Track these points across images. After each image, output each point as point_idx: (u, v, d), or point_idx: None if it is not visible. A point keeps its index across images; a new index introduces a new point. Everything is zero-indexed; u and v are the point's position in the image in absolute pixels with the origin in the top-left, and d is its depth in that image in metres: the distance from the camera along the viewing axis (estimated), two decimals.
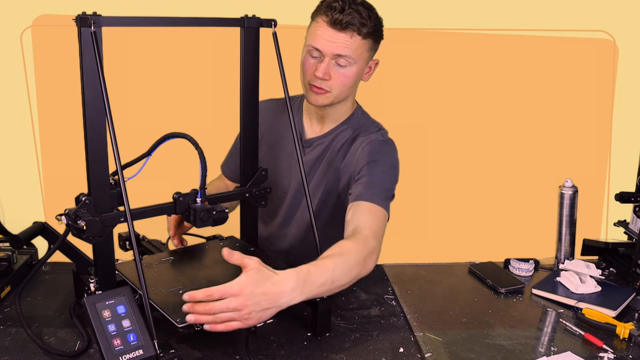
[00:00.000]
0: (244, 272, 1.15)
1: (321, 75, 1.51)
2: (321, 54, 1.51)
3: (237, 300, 1.11)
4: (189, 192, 1.29)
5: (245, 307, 1.12)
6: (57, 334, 1.30)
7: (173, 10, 2.24)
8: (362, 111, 1.69)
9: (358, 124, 1.66)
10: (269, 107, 1.71)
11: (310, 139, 1.68)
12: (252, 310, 1.13)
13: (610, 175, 2.62)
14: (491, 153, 2.59)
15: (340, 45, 1.49)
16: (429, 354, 1.28)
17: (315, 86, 1.54)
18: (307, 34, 1.56)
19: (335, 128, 1.66)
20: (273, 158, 1.69)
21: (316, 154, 1.67)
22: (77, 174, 1.29)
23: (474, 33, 2.47)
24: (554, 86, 2.55)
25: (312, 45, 1.51)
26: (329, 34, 1.49)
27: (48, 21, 2.29)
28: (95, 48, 1.11)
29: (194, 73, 2.40)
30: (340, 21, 1.47)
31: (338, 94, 1.56)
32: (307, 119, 1.70)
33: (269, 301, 1.15)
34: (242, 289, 1.12)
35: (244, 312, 1.12)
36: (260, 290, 1.14)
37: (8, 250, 1.54)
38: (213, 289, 1.11)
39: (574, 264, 1.69)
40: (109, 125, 1.13)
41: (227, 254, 1.16)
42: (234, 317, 1.12)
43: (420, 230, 2.41)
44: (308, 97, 1.59)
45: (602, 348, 1.31)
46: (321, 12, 1.51)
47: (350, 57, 1.51)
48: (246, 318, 1.13)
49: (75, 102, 1.17)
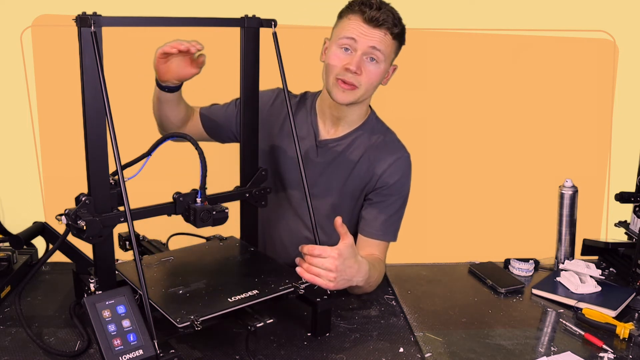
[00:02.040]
0: (342, 242, 1.31)
1: (354, 68, 1.50)
2: (354, 46, 1.50)
3: (332, 262, 1.28)
4: (189, 192, 1.29)
5: (336, 269, 1.28)
6: (57, 334, 1.30)
7: (173, 10, 2.24)
8: (376, 117, 1.69)
9: (374, 130, 1.66)
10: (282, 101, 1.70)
11: (325, 140, 1.65)
12: (338, 276, 1.29)
13: (610, 175, 2.62)
14: (491, 153, 2.59)
15: (375, 38, 1.50)
16: (429, 354, 1.28)
17: (344, 81, 1.52)
18: (336, 31, 1.55)
19: (351, 132, 1.64)
20: (285, 154, 1.67)
21: (331, 156, 1.64)
22: (77, 174, 1.29)
23: (474, 33, 2.47)
24: (554, 86, 2.55)
25: (347, 36, 1.51)
26: (364, 29, 1.49)
27: (48, 21, 2.29)
28: (95, 48, 1.11)
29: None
30: (376, 18, 1.49)
31: (364, 92, 1.55)
32: (321, 119, 1.67)
33: (351, 274, 1.33)
34: (340, 254, 1.29)
35: (332, 274, 1.28)
36: (350, 262, 1.32)
37: (8, 250, 1.54)
38: (316, 246, 1.29)
39: (574, 264, 1.69)
40: (109, 125, 1.13)
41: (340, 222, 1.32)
42: (322, 274, 1.28)
43: (420, 230, 2.40)
44: (334, 94, 1.55)
45: (602, 348, 1.31)
46: (354, 10, 1.51)
47: (382, 54, 1.52)
48: (330, 280, 1.28)
49: (75, 102, 1.17)
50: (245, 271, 1.39)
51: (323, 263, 1.28)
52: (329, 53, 1.55)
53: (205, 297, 1.22)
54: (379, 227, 1.61)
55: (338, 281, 1.30)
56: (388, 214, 1.61)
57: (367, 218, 1.62)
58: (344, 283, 1.32)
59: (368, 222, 1.62)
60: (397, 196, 1.63)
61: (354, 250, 1.34)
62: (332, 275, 1.28)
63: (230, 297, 1.22)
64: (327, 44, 1.58)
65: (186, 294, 1.23)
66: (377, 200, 1.62)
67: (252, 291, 1.24)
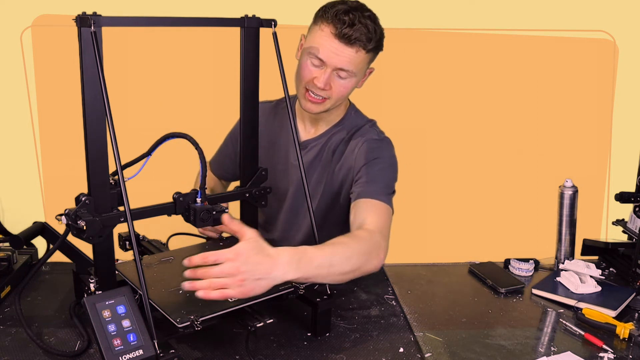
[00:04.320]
0: (241, 240, 1.17)
1: (322, 86, 1.49)
2: (323, 64, 1.49)
3: (231, 265, 1.13)
4: (189, 192, 1.29)
5: (239, 272, 1.13)
6: (57, 334, 1.30)
7: (173, 10, 2.24)
8: (354, 110, 1.68)
9: (352, 124, 1.65)
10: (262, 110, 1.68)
11: (305, 140, 1.67)
12: (246, 278, 1.13)
13: (610, 175, 2.62)
14: (491, 153, 2.59)
15: (345, 59, 1.46)
16: (429, 354, 1.28)
17: (311, 94, 1.52)
18: (309, 38, 1.53)
19: (329, 129, 1.66)
20: (269, 161, 1.65)
21: (312, 155, 1.66)
22: (77, 174, 1.29)
23: (474, 33, 2.47)
24: (554, 86, 2.55)
25: (315, 55, 1.48)
26: (334, 46, 1.45)
27: (48, 21, 2.29)
28: (95, 48, 1.11)
29: (194, 73, 2.39)
30: (348, 36, 1.44)
31: (334, 103, 1.56)
32: (300, 121, 1.69)
33: (263, 271, 1.15)
34: (237, 255, 1.14)
35: (237, 278, 1.13)
36: (255, 259, 1.15)
37: (8, 250, 1.54)
38: (208, 253, 1.14)
39: (574, 264, 1.68)
40: (109, 125, 1.13)
41: (227, 219, 1.19)
42: (227, 283, 1.13)
43: (420, 230, 2.40)
44: (303, 104, 1.57)
45: (602, 348, 1.31)
46: (327, 21, 1.46)
47: (352, 71, 1.50)
48: (239, 285, 1.13)
49: (75, 102, 1.17)
50: None
51: (222, 270, 1.13)
52: (301, 61, 1.53)
53: None
54: (365, 185, 1.52)
55: (250, 283, 1.14)
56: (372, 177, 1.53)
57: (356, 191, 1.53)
58: (264, 284, 1.16)
59: (357, 185, 1.54)
60: (378, 167, 1.55)
61: (258, 244, 1.18)
62: (238, 280, 1.13)
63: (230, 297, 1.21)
64: (303, 42, 1.56)
65: (186, 294, 1.23)
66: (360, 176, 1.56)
67: None
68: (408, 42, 1.57)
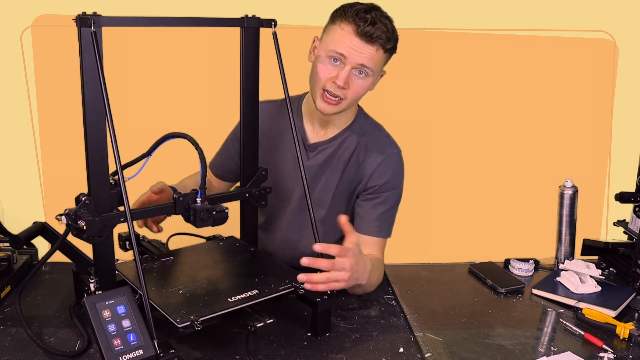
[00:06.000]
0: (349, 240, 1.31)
1: (342, 84, 1.47)
2: (344, 61, 1.47)
3: (349, 262, 1.28)
4: (189, 192, 1.29)
5: (351, 269, 1.28)
6: (57, 334, 1.30)
7: (173, 10, 2.24)
8: (364, 114, 1.68)
9: (362, 130, 1.64)
10: (265, 110, 1.65)
11: (314, 143, 1.64)
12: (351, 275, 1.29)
13: (610, 175, 2.62)
14: (491, 153, 2.59)
15: (366, 55, 1.46)
16: (429, 354, 1.28)
17: (329, 94, 1.50)
18: (326, 38, 1.51)
19: (340, 133, 1.63)
20: (273, 162, 1.64)
21: (322, 158, 1.64)
22: (77, 174, 1.29)
23: (474, 33, 2.47)
24: (554, 86, 2.55)
25: (337, 51, 1.47)
26: (355, 43, 1.45)
27: (48, 21, 2.29)
28: (95, 48, 1.11)
29: (194, 73, 2.39)
30: (370, 34, 1.44)
31: (349, 104, 1.54)
32: (309, 122, 1.66)
33: (361, 272, 1.34)
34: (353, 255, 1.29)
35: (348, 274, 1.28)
36: (360, 259, 1.33)
37: (8, 250, 1.54)
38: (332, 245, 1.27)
39: (574, 264, 1.69)
40: (109, 125, 1.13)
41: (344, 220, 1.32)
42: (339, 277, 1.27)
43: (420, 230, 2.40)
44: (318, 104, 1.54)
45: (602, 348, 1.31)
46: (348, 20, 1.46)
47: (371, 70, 1.49)
48: (346, 280, 1.29)
49: (75, 102, 1.17)
50: (245, 271, 1.39)
51: (343, 264, 1.27)
52: (317, 62, 1.52)
53: (205, 297, 1.22)
54: (374, 223, 1.59)
55: (350, 281, 1.30)
56: (382, 210, 1.60)
57: (362, 215, 1.61)
58: (352, 282, 1.32)
59: (363, 218, 1.61)
60: (390, 192, 1.61)
61: (359, 247, 1.34)
62: (347, 275, 1.28)
63: (230, 297, 1.22)
64: (317, 44, 1.55)
65: (186, 294, 1.23)
66: (371, 198, 1.61)
67: (252, 291, 1.24)
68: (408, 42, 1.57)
